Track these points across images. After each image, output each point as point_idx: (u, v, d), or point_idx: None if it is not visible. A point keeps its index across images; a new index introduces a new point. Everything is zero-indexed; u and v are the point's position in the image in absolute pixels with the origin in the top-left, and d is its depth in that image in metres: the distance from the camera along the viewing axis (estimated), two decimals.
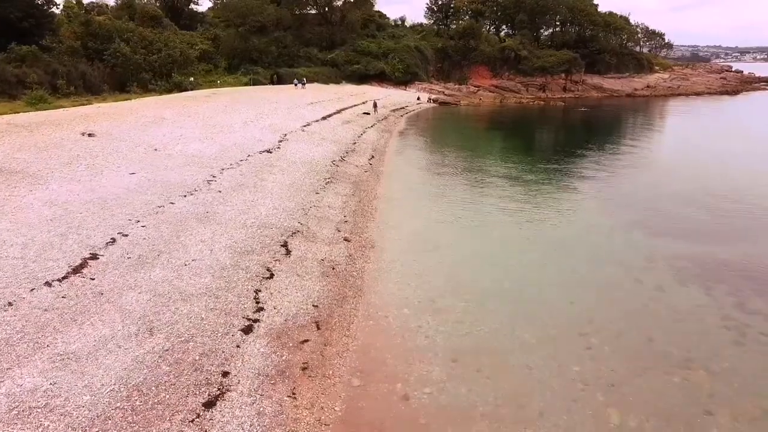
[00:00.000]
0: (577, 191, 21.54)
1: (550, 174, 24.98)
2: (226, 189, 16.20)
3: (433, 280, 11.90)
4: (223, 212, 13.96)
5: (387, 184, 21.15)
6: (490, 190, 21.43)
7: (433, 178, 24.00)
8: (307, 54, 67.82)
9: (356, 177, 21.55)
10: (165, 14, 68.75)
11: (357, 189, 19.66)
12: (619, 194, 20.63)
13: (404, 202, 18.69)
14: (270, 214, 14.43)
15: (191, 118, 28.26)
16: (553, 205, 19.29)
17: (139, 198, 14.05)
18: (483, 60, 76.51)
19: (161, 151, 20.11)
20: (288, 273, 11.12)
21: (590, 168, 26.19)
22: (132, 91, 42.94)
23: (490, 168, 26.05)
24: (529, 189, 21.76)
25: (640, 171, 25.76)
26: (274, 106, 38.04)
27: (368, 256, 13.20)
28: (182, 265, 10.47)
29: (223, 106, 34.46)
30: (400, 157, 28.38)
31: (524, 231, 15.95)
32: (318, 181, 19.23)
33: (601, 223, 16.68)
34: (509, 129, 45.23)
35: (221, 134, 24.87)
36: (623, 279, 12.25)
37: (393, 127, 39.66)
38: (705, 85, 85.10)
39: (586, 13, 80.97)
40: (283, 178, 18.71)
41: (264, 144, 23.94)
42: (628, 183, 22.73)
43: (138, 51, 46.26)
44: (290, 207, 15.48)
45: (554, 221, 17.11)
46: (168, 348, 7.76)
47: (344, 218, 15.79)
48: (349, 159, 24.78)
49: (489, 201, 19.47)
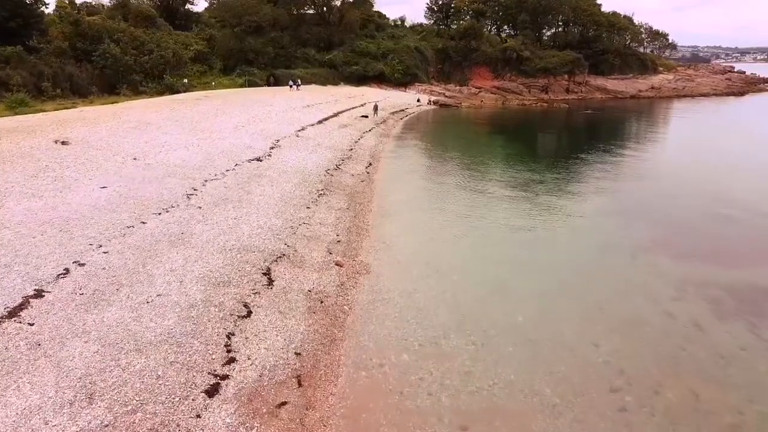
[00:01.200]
0: (591, 204, 19.98)
1: (559, 184, 23.43)
2: (208, 204, 14.71)
3: (435, 315, 10.40)
4: (200, 233, 12.46)
5: (385, 196, 19.65)
6: (495, 203, 19.88)
7: (433, 189, 22.46)
8: (305, 55, 66.35)
9: (352, 188, 20.05)
10: (160, 14, 67.30)
11: (352, 202, 18.15)
12: (638, 208, 19.06)
13: (403, 217, 17.17)
14: (254, 235, 12.93)
15: (178, 123, 26.76)
16: (566, 221, 17.77)
17: (107, 217, 12.54)
18: (484, 61, 75.08)
19: (141, 160, 18.61)
20: (269, 309, 9.62)
21: (603, 178, 24.61)
22: (122, 94, 41.48)
23: (495, 178, 24.54)
24: (538, 202, 20.17)
25: (657, 181, 24.09)
26: (269, 110, 36.55)
27: (362, 285, 11.69)
28: (144, 303, 8.97)
29: (214, 110, 32.96)
30: (399, 165, 26.85)
31: (534, 252, 14.42)
32: (310, 194, 17.73)
33: (621, 243, 15.16)
34: (513, 133, 43.68)
35: (209, 141, 23.37)
36: (652, 313, 10.74)
37: (392, 131, 38.18)
38: (710, 87, 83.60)
39: (590, 13, 79.53)
40: (272, 190, 17.21)
41: (254, 151, 22.44)
42: (646, 194, 21.10)
43: (128, 52, 44.79)
44: (277, 225, 13.98)
45: (567, 240, 15.60)
46: (108, 423, 6.25)
47: (337, 237, 14.29)
48: (345, 167, 23.28)
49: (494, 216, 17.92)
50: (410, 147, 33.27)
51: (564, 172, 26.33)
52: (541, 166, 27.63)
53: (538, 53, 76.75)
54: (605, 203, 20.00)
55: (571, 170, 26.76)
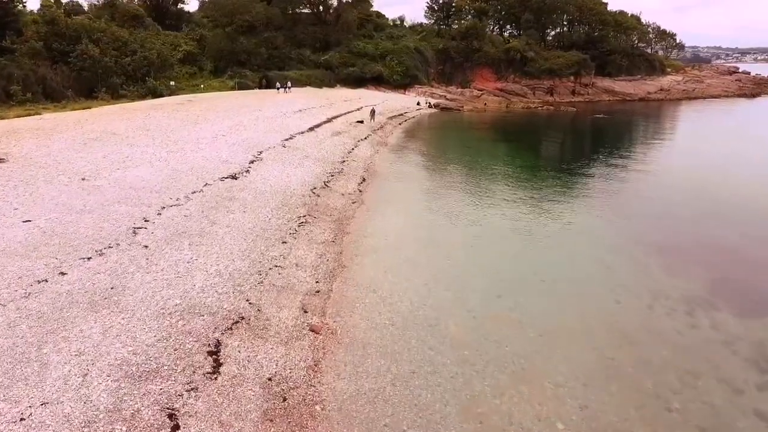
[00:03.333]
0: (637, 244, 16.59)
1: (591, 214, 19.10)
2: (158, 242, 11.83)
3: (442, 424, 7.49)
4: (137, 286, 9.59)
5: (378, 224, 16.70)
6: (512, 242, 15.86)
7: (436, 214, 18.88)
8: (299, 56, 63.56)
9: (340, 212, 17.15)
10: (149, 14, 64.57)
11: (339, 232, 15.26)
12: (695, 249, 15.77)
13: (399, 255, 14.17)
14: (208, 287, 10.04)
15: (149, 133, 23.90)
16: (618, 283, 14.84)
17: (14, 267, 9.66)
18: (487, 62, 72.36)
19: (90, 180, 15.74)
20: (205, 420, 6.73)
21: (639, 203, 20.84)
22: (99, 98, 38.62)
23: (508, 203, 20.86)
24: (566, 244, 15.98)
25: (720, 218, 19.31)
26: (256, 115, 33.71)
27: (344, 363, 8.80)
28: (13, 423, 6.09)
29: (195, 116, 30.11)
30: (397, 181, 23.64)
31: (565, 319, 11.08)
32: (289, 222, 14.84)
33: (669, 294, 12.27)
34: (521, 142, 40.16)
35: (180, 154, 20.52)
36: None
37: (389, 139, 35.29)
38: (721, 88, 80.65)
39: (596, 12, 76.73)
40: (243, 218, 14.33)
41: (230, 167, 19.58)
42: (700, 231, 17.45)
43: (108, 53, 41.94)
44: (241, 270, 11.10)
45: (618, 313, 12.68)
46: None
47: (315, 285, 11.39)
48: (335, 184, 20.40)
49: (514, 261, 14.25)
50: (409, 158, 30.05)
51: (594, 196, 21.68)
52: (562, 188, 23.51)
53: (543, 54, 73.97)
54: (656, 244, 17.00)
55: (603, 195, 22.04)
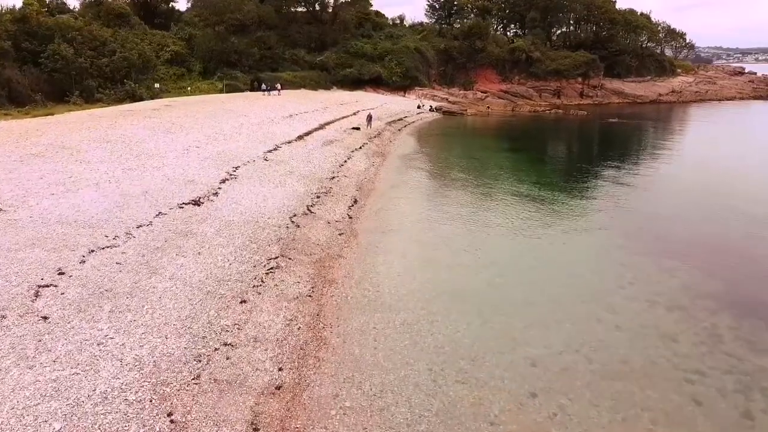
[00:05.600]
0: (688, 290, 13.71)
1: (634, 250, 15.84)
2: (66, 308, 8.63)
3: None
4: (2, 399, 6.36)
5: (371, 265, 13.39)
6: (535, 310, 13.09)
7: (441, 247, 14.98)
8: (294, 56, 60.36)
9: (324, 248, 13.91)
10: (137, 12, 61.47)
11: (320, 280, 12.00)
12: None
13: (397, 319, 10.85)
14: (115, 391, 6.82)
15: (109, 145, 20.68)
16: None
17: None
18: (490, 62, 69.17)
19: (6, 212, 12.52)
20: None
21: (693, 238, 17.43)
22: (72, 102, 35.43)
23: (532, 229, 17.73)
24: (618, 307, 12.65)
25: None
26: (240, 122, 30.51)
27: None
28: None
29: (169, 124, 26.88)
30: (395, 203, 19.79)
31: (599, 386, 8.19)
32: (255, 268, 11.61)
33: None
34: (535, 152, 35.89)
35: (137, 172, 17.30)
36: None
37: (388, 148, 32.03)
38: (735, 90, 77.33)
39: (604, 10, 73.39)
40: (196, 265, 11.10)
41: (195, 188, 16.37)
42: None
43: (84, 53, 38.71)
44: (174, 355, 7.89)
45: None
46: None
47: (277, 376, 8.15)
48: (321, 208, 17.16)
49: (541, 334, 11.31)
50: (409, 174, 25.82)
51: (633, 225, 19.21)
52: (593, 214, 19.60)
53: (549, 54, 70.77)
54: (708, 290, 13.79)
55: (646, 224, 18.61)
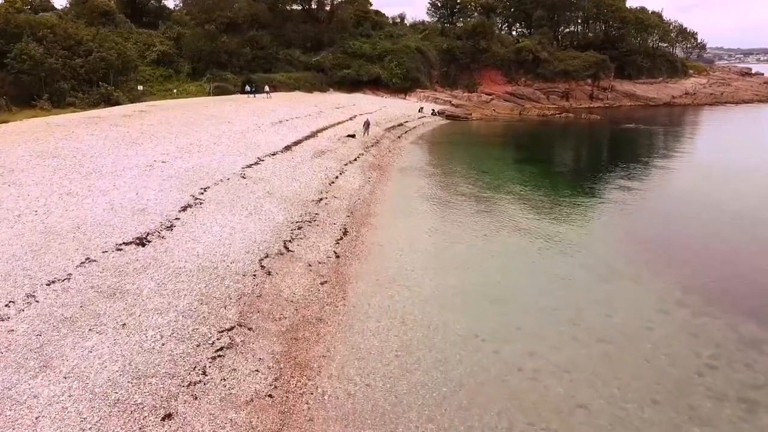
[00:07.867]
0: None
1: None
2: None
3: None
4: None
5: (361, 337, 10.07)
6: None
7: (450, 306, 11.88)
8: (288, 57, 57.11)
9: (298, 307, 10.63)
10: (123, 9, 58.35)
11: (287, 361, 8.74)
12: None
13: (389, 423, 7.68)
14: None
15: (54, 162, 17.42)
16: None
17: None
18: (495, 63, 65.91)
19: None
20: None
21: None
22: (39, 107, 32.23)
23: (559, 266, 14.83)
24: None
25: None
26: (222, 130, 27.27)
27: None
28: None
29: (138, 134, 23.63)
30: (392, 234, 16.29)
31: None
32: (197, 349, 8.33)
33: None
34: (553, 163, 32.51)
35: (78, 198, 14.04)
36: None
37: (386, 159, 28.76)
38: (751, 92, 74.04)
39: (614, 9, 70.11)
40: (112, 349, 7.86)
41: (146, 219, 13.11)
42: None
43: (56, 53, 35.50)
44: None
45: None
46: None
47: None
48: (301, 244, 13.89)
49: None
50: (409, 192, 22.14)
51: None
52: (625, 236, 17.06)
53: (557, 54, 67.55)
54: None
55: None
